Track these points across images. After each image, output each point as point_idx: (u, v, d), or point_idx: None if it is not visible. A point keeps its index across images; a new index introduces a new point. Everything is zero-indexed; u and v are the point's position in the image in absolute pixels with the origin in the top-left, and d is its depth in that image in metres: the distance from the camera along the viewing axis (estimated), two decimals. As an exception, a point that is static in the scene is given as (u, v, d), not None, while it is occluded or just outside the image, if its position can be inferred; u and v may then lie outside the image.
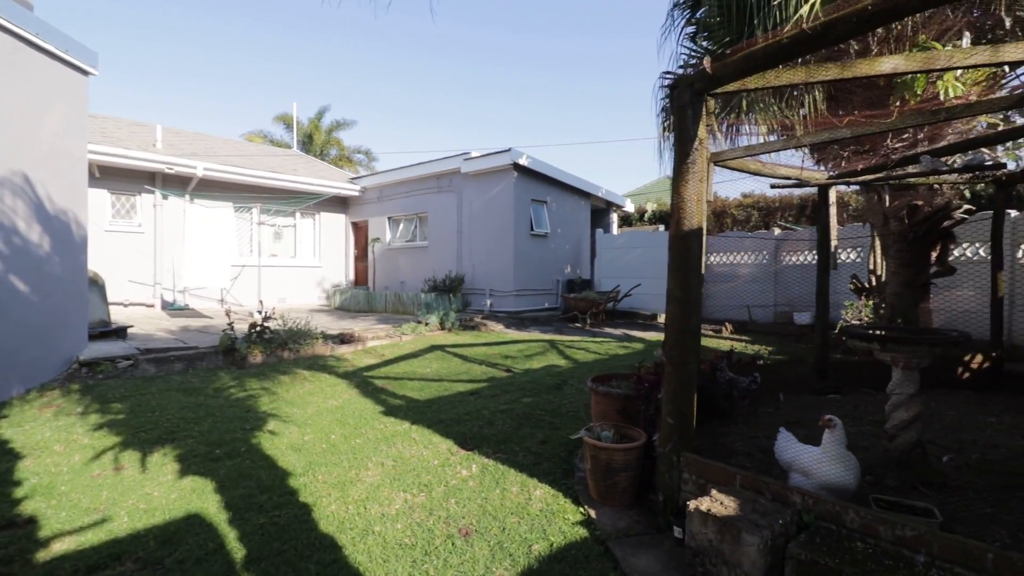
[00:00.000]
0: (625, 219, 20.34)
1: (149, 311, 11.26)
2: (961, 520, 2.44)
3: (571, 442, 3.95)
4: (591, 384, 3.75)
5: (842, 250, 9.57)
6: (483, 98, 72.10)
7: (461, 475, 3.40)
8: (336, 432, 4.32)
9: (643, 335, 10.12)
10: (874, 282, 7.96)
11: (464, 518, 2.84)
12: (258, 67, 54.16)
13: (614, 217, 17.05)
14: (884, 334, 2.96)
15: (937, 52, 2.54)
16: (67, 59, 5.88)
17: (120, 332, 7.35)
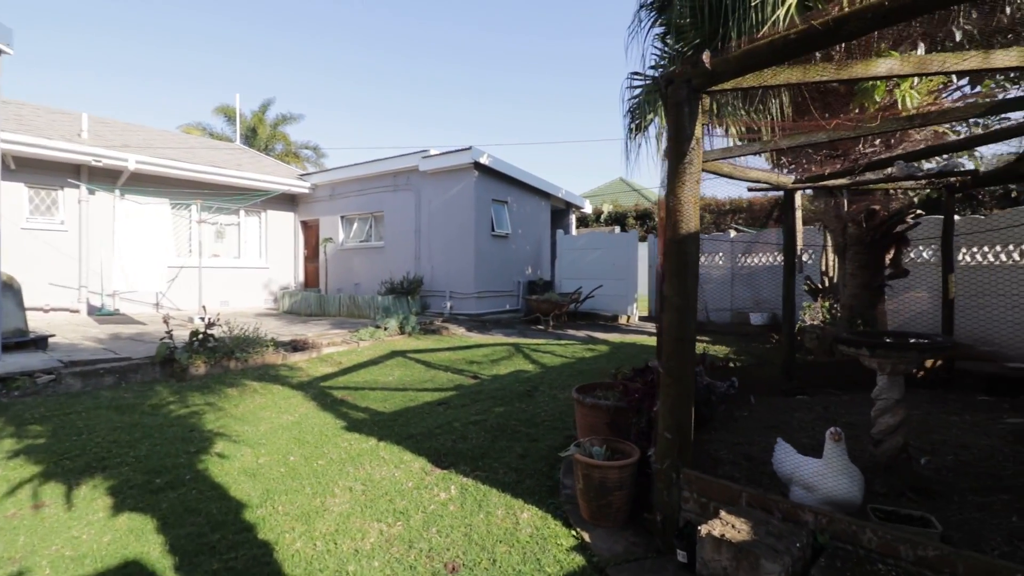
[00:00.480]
0: (582, 220, 20.48)
1: (74, 317, 10.23)
2: (954, 527, 2.42)
3: (552, 455, 3.75)
4: (576, 395, 3.56)
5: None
6: (442, 97, 71.29)
7: (440, 498, 3.13)
8: (295, 452, 3.94)
9: (606, 336, 10.10)
10: (827, 283, 8.26)
11: (449, 550, 2.58)
12: (195, 58, 51.03)
13: (573, 218, 17.08)
14: (874, 340, 2.94)
15: (930, 56, 2.52)
16: (-29, 33, 5.16)
17: (40, 342, 6.57)
